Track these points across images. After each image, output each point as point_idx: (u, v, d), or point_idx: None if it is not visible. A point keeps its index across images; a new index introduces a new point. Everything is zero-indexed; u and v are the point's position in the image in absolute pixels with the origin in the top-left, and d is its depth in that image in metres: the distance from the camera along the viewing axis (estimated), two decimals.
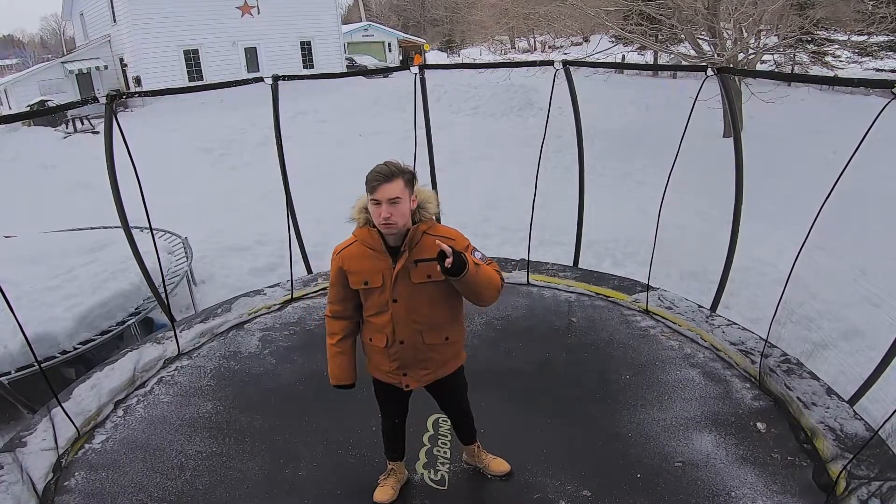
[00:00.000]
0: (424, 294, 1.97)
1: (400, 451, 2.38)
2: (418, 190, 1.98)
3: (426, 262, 1.91)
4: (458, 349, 2.17)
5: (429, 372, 2.10)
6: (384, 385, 2.17)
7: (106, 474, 2.55)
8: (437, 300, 1.99)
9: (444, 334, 2.06)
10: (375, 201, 1.87)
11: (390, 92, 15.37)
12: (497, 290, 1.97)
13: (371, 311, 2.04)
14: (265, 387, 3.17)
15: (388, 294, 1.96)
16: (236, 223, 7.23)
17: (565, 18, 12.05)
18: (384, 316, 2.00)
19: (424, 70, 4.24)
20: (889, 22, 9.12)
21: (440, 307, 2.01)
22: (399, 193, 1.86)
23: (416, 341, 2.02)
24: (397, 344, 2.02)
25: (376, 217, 1.89)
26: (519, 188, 4.44)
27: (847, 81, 3.46)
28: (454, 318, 2.09)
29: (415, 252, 1.94)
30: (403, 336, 2.01)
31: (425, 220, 1.98)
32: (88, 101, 3.51)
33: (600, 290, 4.09)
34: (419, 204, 1.97)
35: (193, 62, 20.80)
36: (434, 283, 1.95)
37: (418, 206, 1.97)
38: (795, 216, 3.29)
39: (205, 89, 3.92)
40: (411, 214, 1.94)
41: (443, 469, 2.51)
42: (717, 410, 2.81)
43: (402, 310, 1.98)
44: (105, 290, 4.44)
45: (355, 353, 2.16)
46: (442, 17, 39.23)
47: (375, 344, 2.07)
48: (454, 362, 2.16)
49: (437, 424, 2.75)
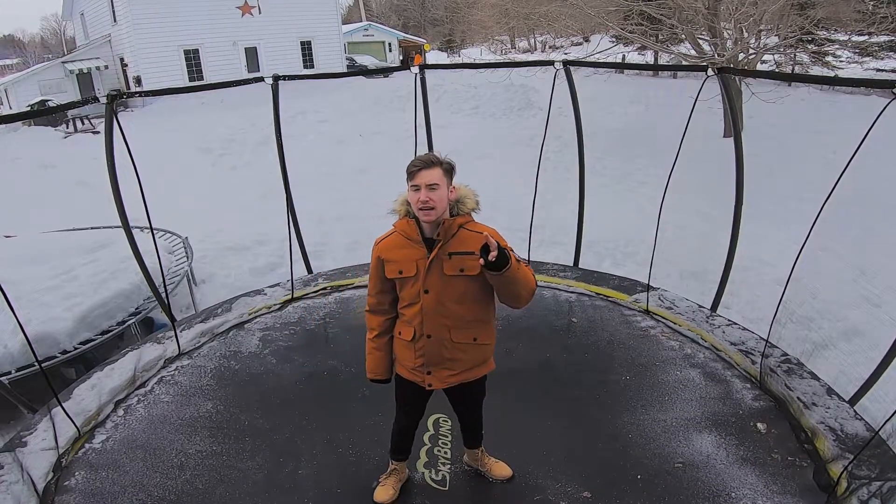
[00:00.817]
0: (455, 288, 1.98)
1: (406, 452, 2.38)
2: (458, 185, 2.01)
3: (461, 255, 1.93)
4: (488, 355, 2.15)
5: (454, 374, 2.09)
6: (407, 384, 2.16)
7: (106, 474, 2.55)
8: (467, 296, 1.99)
9: (472, 334, 2.05)
10: (415, 187, 1.91)
11: (390, 92, 15.37)
12: (532, 292, 1.96)
13: (404, 303, 2.05)
14: (265, 386, 3.17)
15: (420, 284, 1.98)
16: (236, 223, 7.23)
17: (566, 18, 12.04)
18: (415, 307, 2.01)
19: (425, 70, 4.24)
20: (889, 22, 9.12)
21: (470, 304, 2.01)
22: (437, 180, 1.90)
23: (442, 337, 2.02)
24: (424, 338, 2.02)
25: (414, 203, 1.92)
26: (519, 188, 4.44)
27: (847, 81, 3.47)
28: (484, 319, 2.08)
29: (450, 244, 1.96)
30: (431, 330, 2.01)
31: (462, 214, 2.00)
32: (89, 100, 3.51)
33: (600, 291, 4.09)
34: (458, 198, 1.99)
35: (194, 62, 20.81)
36: (466, 278, 1.96)
37: (457, 201, 1.99)
38: (795, 216, 3.29)
39: (205, 89, 3.92)
40: (449, 207, 1.97)
41: (444, 469, 2.51)
42: (717, 411, 2.81)
43: (432, 302, 1.98)
44: (105, 290, 4.44)
45: (391, 350, 2.17)
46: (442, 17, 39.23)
47: (403, 338, 2.07)
48: (482, 368, 2.15)
49: (438, 424, 2.75)
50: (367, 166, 8.98)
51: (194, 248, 5.79)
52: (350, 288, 4.35)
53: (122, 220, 3.51)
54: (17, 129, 14.65)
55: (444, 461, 2.55)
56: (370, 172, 8.90)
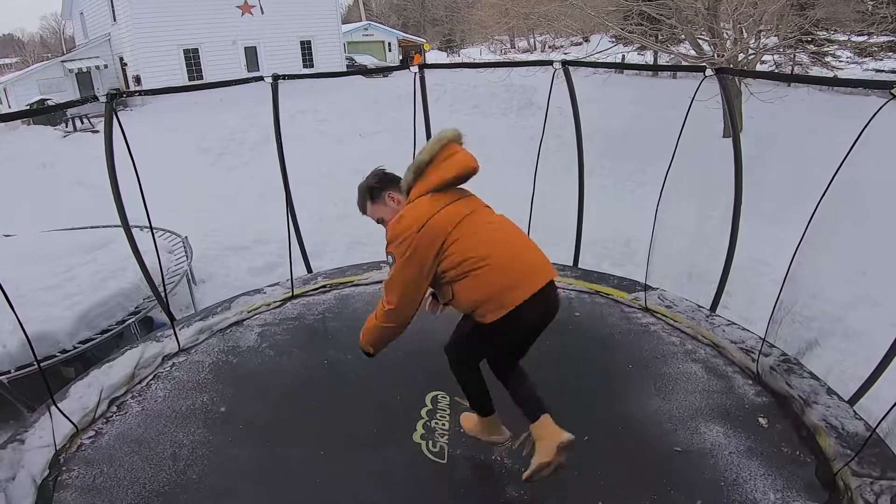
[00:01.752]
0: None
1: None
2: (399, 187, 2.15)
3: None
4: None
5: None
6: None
7: (104, 469, 2.55)
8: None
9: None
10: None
11: (390, 91, 15.37)
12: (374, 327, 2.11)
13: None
14: (264, 383, 3.17)
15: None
16: (236, 223, 7.23)
17: (565, 18, 12.06)
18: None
19: (424, 69, 4.24)
20: (889, 22, 9.14)
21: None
22: (374, 214, 2.18)
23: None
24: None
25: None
26: (518, 188, 4.44)
27: (847, 82, 3.49)
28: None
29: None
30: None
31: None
32: (88, 99, 3.51)
33: (600, 289, 4.10)
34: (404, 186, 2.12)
35: (193, 61, 20.81)
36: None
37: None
38: (795, 216, 3.29)
39: (204, 88, 3.92)
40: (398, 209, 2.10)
41: (441, 441, 2.57)
42: (717, 403, 2.82)
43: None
44: (105, 289, 4.44)
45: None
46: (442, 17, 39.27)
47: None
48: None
49: (437, 400, 2.81)
50: (368, 166, 8.92)
51: (194, 248, 5.79)
52: (350, 286, 4.35)
53: (122, 220, 3.50)
54: (17, 127, 14.64)
55: (442, 433, 2.60)
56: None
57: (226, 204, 8.37)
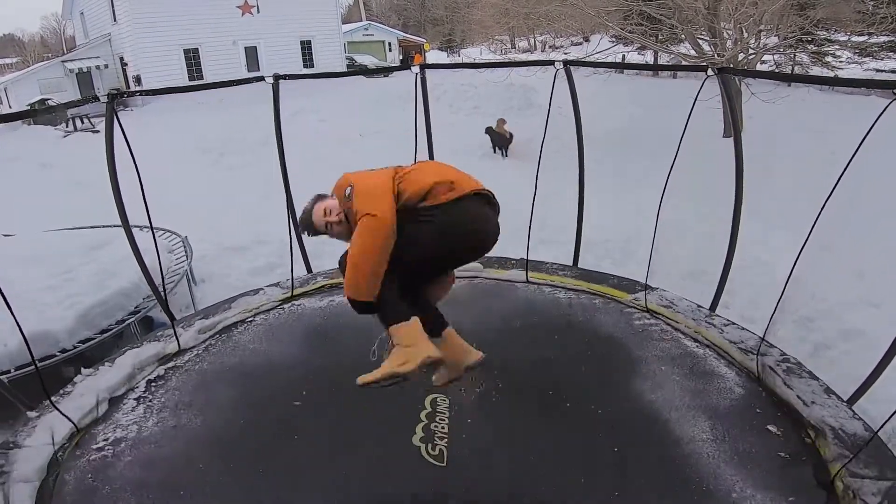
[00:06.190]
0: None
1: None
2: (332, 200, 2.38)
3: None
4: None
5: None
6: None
7: (104, 470, 2.55)
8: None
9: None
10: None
11: (390, 91, 15.38)
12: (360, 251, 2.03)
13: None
14: (264, 383, 3.17)
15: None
16: (236, 223, 7.24)
17: (565, 18, 12.06)
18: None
19: (425, 69, 4.24)
20: (889, 22, 9.14)
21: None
22: (323, 231, 2.44)
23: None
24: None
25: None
26: (519, 188, 4.44)
27: (847, 82, 3.48)
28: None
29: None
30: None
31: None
32: (89, 99, 3.51)
33: (600, 289, 4.09)
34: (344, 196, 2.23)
35: (194, 61, 20.83)
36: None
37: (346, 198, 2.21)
38: (795, 216, 3.29)
39: (205, 88, 3.91)
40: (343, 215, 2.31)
41: (441, 444, 2.55)
42: (717, 405, 2.81)
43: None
44: (105, 289, 4.44)
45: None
46: (442, 17, 39.26)
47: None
48: None
49: (436, 403, 2.79)
50: (368, 166, 8.94)
51: (194, 248, 5.79)
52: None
53: (123, 219, 3.51)
54: (17, 127, 14.66)
55: (442, 435, 2.59)
56: None
57: (226, 204, 8.37)
